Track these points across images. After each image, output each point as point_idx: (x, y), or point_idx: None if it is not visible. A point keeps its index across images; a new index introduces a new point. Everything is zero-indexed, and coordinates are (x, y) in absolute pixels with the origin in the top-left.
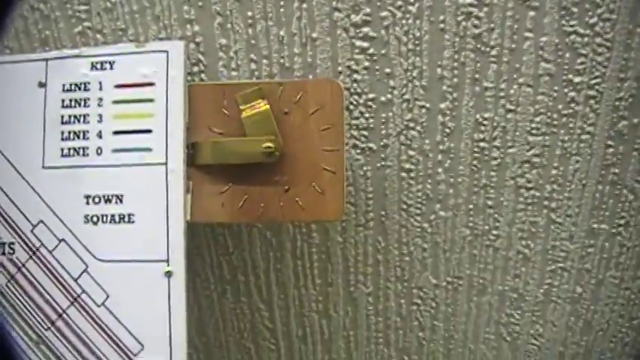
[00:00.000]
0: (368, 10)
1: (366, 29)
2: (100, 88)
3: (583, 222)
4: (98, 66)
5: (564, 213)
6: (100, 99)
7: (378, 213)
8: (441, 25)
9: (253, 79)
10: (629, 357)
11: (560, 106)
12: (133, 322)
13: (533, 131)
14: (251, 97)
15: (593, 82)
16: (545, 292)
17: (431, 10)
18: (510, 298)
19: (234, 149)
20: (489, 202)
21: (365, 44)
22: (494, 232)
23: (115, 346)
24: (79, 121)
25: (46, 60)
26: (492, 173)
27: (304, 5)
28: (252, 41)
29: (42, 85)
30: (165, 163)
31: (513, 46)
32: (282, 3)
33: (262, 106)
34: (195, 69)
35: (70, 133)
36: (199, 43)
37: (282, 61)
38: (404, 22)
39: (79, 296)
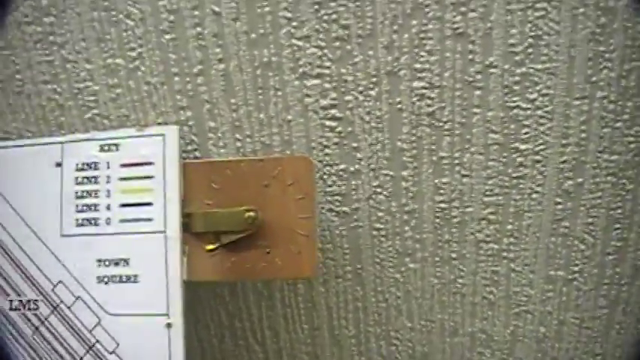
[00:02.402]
0: (334, 94)
1: (333, 111)
2: (108, 167)
3: (540, 270)
4: (106, 148)
5: (522, 262)
6: (108, 176)
7: (354, 266)
8: (399, 106)
9: (239, 156)
10: None
11: (509, 170)
12: None
13: (487, 192)
14: None
15: (538, 148)
16: (511, 333)
17: (389, 94)
18: (480, 339)
19: (222, 218)
20: (453, 255)
21: (333, 124)
22: (460, 280)
23: None
24: (90, 195)
25: (62, 143)
26: (454, 230)
27: (279, 93)
28: (237, 123)
29: (58, 164)
30: (164, 231)
31: (464, 120)
32: (259, 92)
33: None
34: (190, 147)
35: (83, 206)
36: (192, 126)
37: (262, 139)
38: (366, 104)
39: (93, 345)
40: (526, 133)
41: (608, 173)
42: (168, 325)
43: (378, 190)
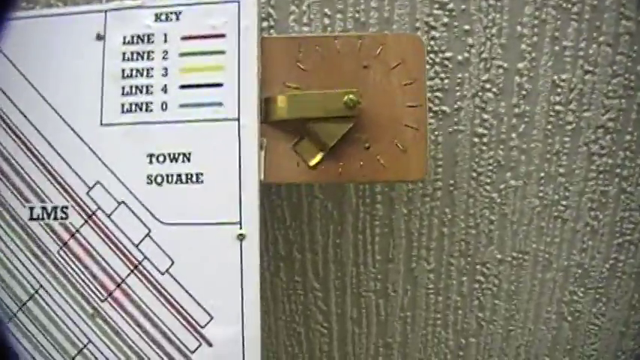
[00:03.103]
0: None
1: None
2: (165, 41)
3: None
4: (163, 17)
5: (636, 181)
6: (165, 51)
7: (446, 182)
8: None
9: (335, 33)
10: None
11: (639, 68)
12: (200, 290)
13: (610, 94)
14: None
15: None
16: (610, 267)
17: None
18: (575, 275)
19: (314, 102)
20: (561, 170)
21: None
22: (564, 202)
23: (180, 318)
24: (141, 75)
25: (105, 11)
26: (566, 139)
27: None
28: None
29: (100, 37)
30: (238, 119)
31: (595, 2)
32: None
33: None
34: (265, 24)
35: (131, 87)
36: None
37: (357, 15)
38: None
39: (140, 263)
40: None
41: None
42: (241, 237)
43: (487, 85)
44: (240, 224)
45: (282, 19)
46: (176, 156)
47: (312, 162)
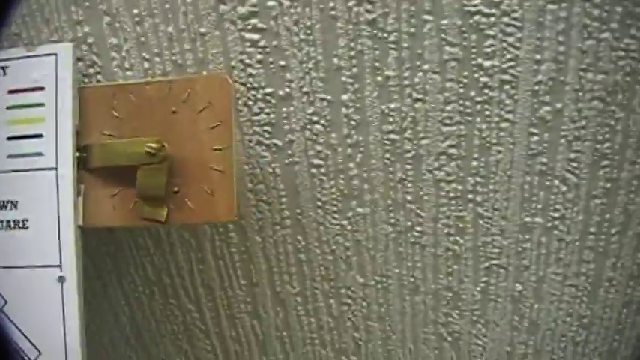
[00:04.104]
0: (254, 0)
1: (254, 20)
2: None
3: (514, 216)
4: None
5: (492, 207)
6: None
7: (293, 211)
8: (332, 12)
9: (148, 78)
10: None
11: (472, 93)
12: (30, 327)
13: (446, 121)
14: None
15: (505, 65)
16: (482, 291)
17: None
18: (446, 297)
19: (120, 151)
20: (408, 197)
21: (255, 36)
22: (419, 228)
23: (15, 353)
24: None
25: None
26: (408, 167)
27: (188, 0)
28: (142, 39)
29: None
30: (56, 168)
31: (412, 30)
32: None
33: None
34: (91, 70)
35: None
36: (92, 44)
37: (173, 58)
38: (292, 10)
39: None
40: (491, 46)
41: (593, 97)
42: (61, 279)
43: (315, 118)
44: (61, 267)
45: (106, 66)
46: (5, 204)
47: (127, 207)
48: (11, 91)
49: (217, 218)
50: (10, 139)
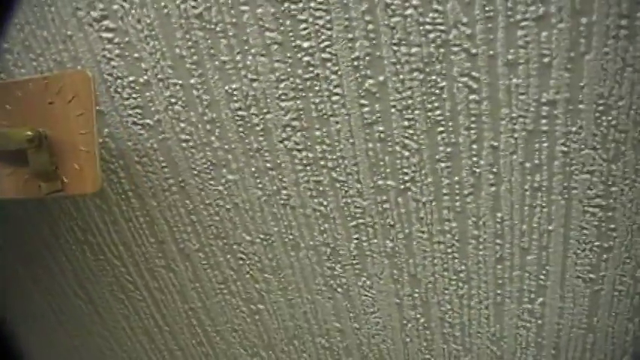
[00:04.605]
0: (101, 5)
1: (106, 22)
2: None
3: (366, 179)
4: None
5: (344, 171)
6: None
7: (177, 179)
8: (165, 10)
9: (30, 76)
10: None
11: (299, 71)
12: None
13: (282, 97)
14: None
15: (323, 45)
16: (357, 247)
17: None
18: (326, 253)
19: (8, 138)
20: (268, 165)
21: (110, 35)
22: (284, 192)
23: None
24: None
25: None
26: (260, 138)
27: (52, 8)
28: (26, 43)
29: None
30: None
31: (234, 20)
32: (35, 9)
33: None
34: None
35: None
36: None
37: (54, 57)
38: (133, 11)
39: None
40: (304, 29)
41: (412, 69)
42: None
43: (173, 100)
44: None
45: (4, 65)
46: None
47: (20, 183)
48: None
49: (85, 190)
50: None
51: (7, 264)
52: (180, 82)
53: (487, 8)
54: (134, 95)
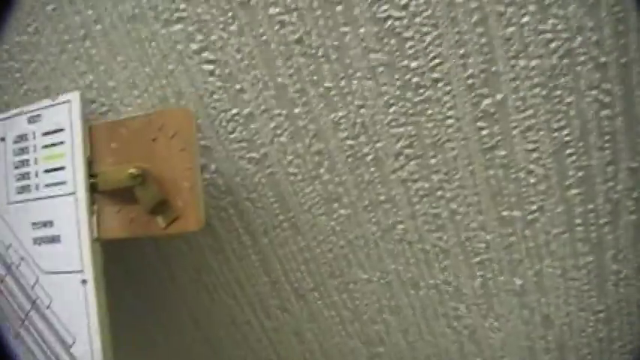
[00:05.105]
0: (200, 37)
1: (205, 54)
2: (34, 137)
3: (489, 210)
4: (32, 119)
5: (464, 202)
6: (35, 146)
7: (286, 215)
8: (264, 38)
9: (135, 114)
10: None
11: (408, 94)
12: (67, 320)
13: (392, 123)
14: None
15: (432, 64)
16: (482, 285)
17: (249, 26)
18: (447, 292)
19: (110, 177)
20: (382, 197)
21: (210, 67)
22: (400, 226)
23: (59, 340)
24: (24, 164)
25: (3, 120)
26: (372, 169)
27: (152, 44)
28: (130, 81)
29: (2, 139)
30: (75, 193)
31: (336, 43)
32: (137, 46)
33: None
34: (104, 109)
35: (20, 174)
36: (97, 89)
37: (157, 93)
38: (232, 41)
39: (35, 301)
40: (411, 47)
41: (533, 84)
42: (83, 282)
43: (278, 131)
44: (83, 272)
45: (112, 104)
46: (46, 223)
47: (126, 221)
48: (45, 134)
49: (187, 227)
50: (46, 171)
51: (123, 304)
52: (284, 112)
53: (615, 9)
54: (239, 128)
